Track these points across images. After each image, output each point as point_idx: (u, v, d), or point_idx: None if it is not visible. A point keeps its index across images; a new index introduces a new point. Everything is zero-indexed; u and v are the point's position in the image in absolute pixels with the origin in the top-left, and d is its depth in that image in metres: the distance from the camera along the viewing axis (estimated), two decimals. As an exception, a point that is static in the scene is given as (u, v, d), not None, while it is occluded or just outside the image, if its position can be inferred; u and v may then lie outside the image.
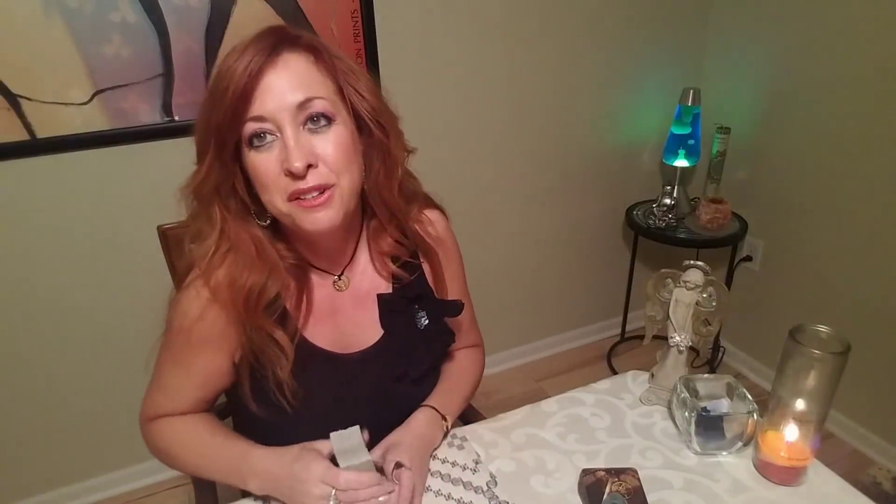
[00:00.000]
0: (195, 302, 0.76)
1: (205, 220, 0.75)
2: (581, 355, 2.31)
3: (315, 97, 0.70)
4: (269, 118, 0.68)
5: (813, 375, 0.75)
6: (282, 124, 0.69)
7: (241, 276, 0.74)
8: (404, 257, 0.86)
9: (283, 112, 0.68)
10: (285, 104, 0.68)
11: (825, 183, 1.76)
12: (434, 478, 0.83)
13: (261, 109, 0.68)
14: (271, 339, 0.77)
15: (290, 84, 0.69)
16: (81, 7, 1.27)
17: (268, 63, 0.68)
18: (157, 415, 0.85)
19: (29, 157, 1.35)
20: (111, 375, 1.62)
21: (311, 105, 0.70)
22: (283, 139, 0.69)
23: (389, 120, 0.78)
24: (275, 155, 0.69)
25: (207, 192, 0.73)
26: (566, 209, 2.08)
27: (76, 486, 1.71)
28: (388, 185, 0.80)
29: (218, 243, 0.75)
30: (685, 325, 0.90)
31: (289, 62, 0.69)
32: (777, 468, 0.80)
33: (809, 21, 1.71)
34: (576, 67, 1.87)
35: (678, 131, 1.94)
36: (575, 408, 0.96)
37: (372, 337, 0.86)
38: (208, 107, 0.69)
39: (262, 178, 0.71)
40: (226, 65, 0.68)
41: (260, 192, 0.72)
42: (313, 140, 0.71)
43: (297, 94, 0.69)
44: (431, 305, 0.90)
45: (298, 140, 0.69)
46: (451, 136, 1.77)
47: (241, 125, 0.69)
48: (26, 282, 1.45)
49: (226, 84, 0.67)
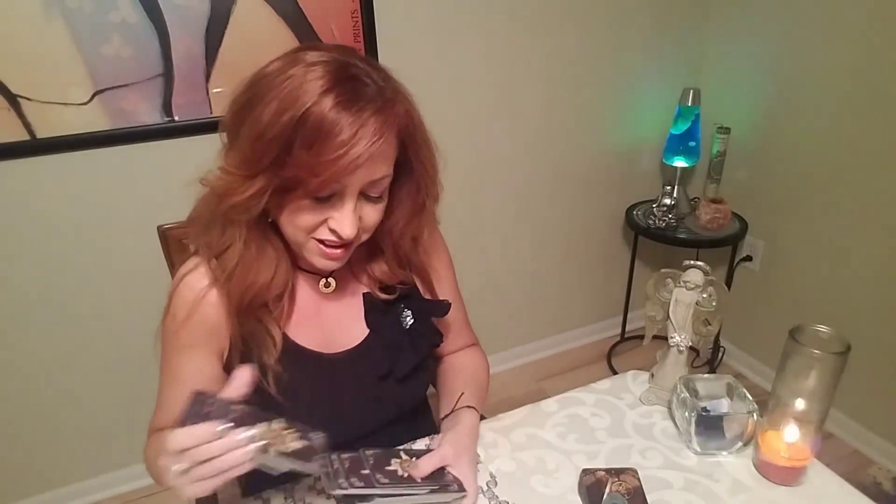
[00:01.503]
0: (196, 286, 0.76)
1: (226, 224, 0.73)
2: (581, 355, 2.31)
3: (387, 176, 0.70)
4: (348, 184, 0.68)
5: (813, 375, 0.75)
6: (349, 192, 0.68)
7: (251, 274, 0.74)
8: (396, 284, 0.86)
9: (360, 183, 0.68)
10: (367, 179, 0.68)
11: (825, 183, 1.76)
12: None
13: (349, 179, 0.67)
14: (263, 327, 0.77)
15: (377, 161, 0.67)
16: (81, 7, 1.27)
17: (382, 139, 0.65)
18: (153, 432, 0.84)
19: (29, 157, 1.35)
20: (111, 375, 1.62)
21: (381, 183, 0.70)
22: (343, 203, 0.69)
23: (436, 191, 0.80)
24: (325, 207, 0.69)
25: (245, 211, 0.69)
26: (566, 209, 2.08)
27: (76, 486, 1.71)
28: (403, 234, 0.82)
29: (241, 254, 0.74)
30: (685, 325, 0.90)
31: (390, 142, 0.68)
32: (777, 468, 0.80)
33: (809, 21, 1.71)
34: (576, 67, 1.87)
35: (678, 131, 1.94)
36: (575, 408, 0.96)
37: (357, 336, 0.86)
38: (285, 133, 0.63)
39: (303, 221, 0.70)
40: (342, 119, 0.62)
41: (286, 224, 0.71)
42: (364, 207, 0.71)
43: (381, 169, 0.69)
44: (417, 305, 0.90)
45: (356, 210, 0.70)
46: (451, 135, 1.77)
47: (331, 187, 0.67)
48: (26, 282, 1.45)
49: (340, 143, 0.62)
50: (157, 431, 0.83)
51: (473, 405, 0.89)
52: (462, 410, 0.87)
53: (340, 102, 0.63)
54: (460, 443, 0.80)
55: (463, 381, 0.94)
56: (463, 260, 1.08)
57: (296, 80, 0.64)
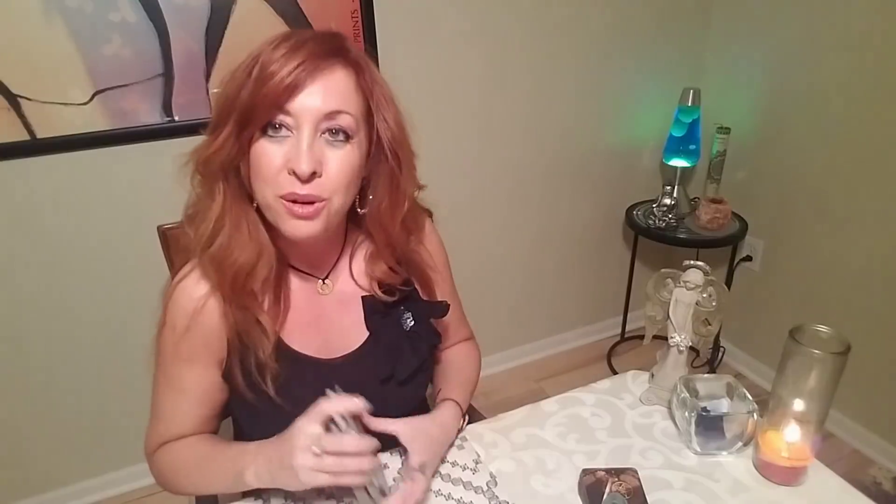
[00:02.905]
0: (194, 295, 0.76)
1: (206, 194, 0.76)
2: (581, 355, 2.31)
3: (344, 111, 0.71)
4: (294, 114, 0.69)
5: (813, 375, 0.75)
6: (302, 125, 0.69)
7: (233, 253, 0.74)
8: (396, 285, 0.86)
9: (309, 114, 0.69)
10: (315, 108, 0.69)
11: (825, 183, 1.76)
12: (434, 478, 0.83)
13: (291, 105, 0.69)
14: (255, 321, 0.77)
15: (327, 92, 0.70)
16: (81, 7, 1.27)
17: (318, 68, 0.69)
18: (158, 444, 0.84)
19: (29, 157, 1.35)
20: (111, 375, 1.62)
21: (338, 118, 0.71)
22: (298, 139, 0.69)
23: (406, 154, 0.79)
24: (283, 150, 0.70)
25: (216, 165, 0.73)
26: (566, 209, 2.08)
27: (76, 486, 1.71)
28: (390, 216, 0.81)
29: (217, 219, 0.74)
30: (685, 325, 0.90)
31: (335, 71, 0.71)
32: (777, 468, 0.80)
33: (809, 21, 1.71)
34: (576, 67, 1.87)
35: (678, 131, 1.94)
36: (575, 408, 0.96)
37: (357, 340, 0.86)
38: (239, 83, 0.70)
39: (263, 167, 0.71)
40: (277, 54, 0.69)
41: (254, 179, 0.73)
42: (326, 150, 0.71)
43: (329, 103, 0.70)
44: (417, 306, 0.89)
45: (312, 145, 0.70)
46: (451, 135, 1.77)
47: (272, 114, 0.69)
48: (25, 282, 1.45)
49: (271, 71, 0.68)
50: (163, 445, 0.83)
51: (454, 398, 0.89)
52: (441, 403, 0.88)
53: (285, 45, 0.70)
54: (421, 426, 0.81)
55: (452, 377, 0.95)
56: (462, 260, 1.09)
57: (256, 48, 0.71)
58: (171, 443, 0.83)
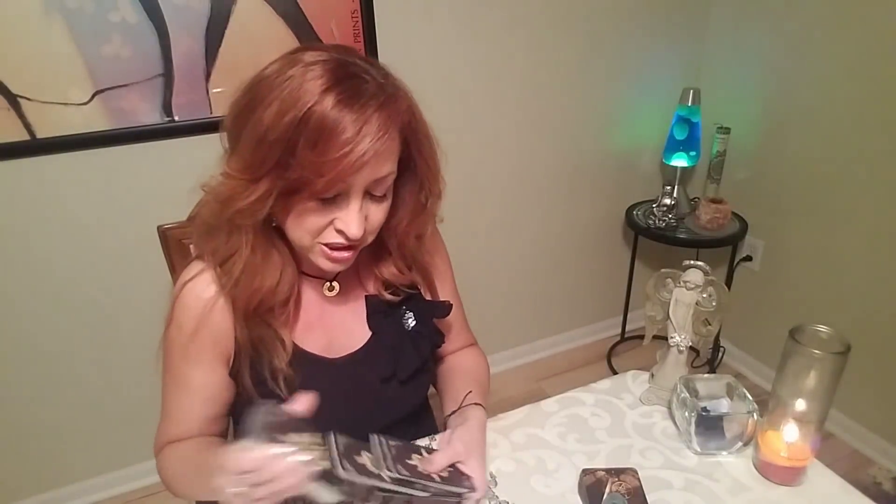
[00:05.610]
0: (203, 295, 0.76)
1: (232, 230, 0.72)
2: (581, 355, 2.31)
3: (391, 173, 0.70)
4: (350, 183, 0.67)
5: (813, 375, 0.75)
6: (354, 191, 0.68)
7: (257, 280, 0.74)
8: (404, 287, 0.86)
9: (364, 181, 0.67)
10: (370, 178, 0.67)
11: (825, 183, 1.76)
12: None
13: (352, 178, 0.66)
14: (272, 331, 0.77)
15: (382, 157, 0.67)
16: (81, 7, 1.27)
17: (383, 144, 0.64)
18: (165, 443, 0.83)
19: (29, 157, 1.35)
20: (111, 375, 1.62)
21: (386, 181, 0.70)
22: (349, 202, 0.68)
23: (437, 189, 0.79)
24: (331, 209, 0.69)
25: (252, 217, 0.69)
26: (566, 209, 2.08)
27: (76, 486, 1.71)
28: (407, 233, 0.82)
29: (247, 263, 0.73)
30: (685, 325, 0.90)
31: (394, 139, 0.67)
32: (777, 468, 0.80)
33: (809, 21, 1.71)
34: (576, 68, 1.87)
35: (678, 131, 1.94)
36: (575, 408, 0.96)
37: (360, 339, 0.86)
38: (286, 136, 0.62)
39: (308, 223, 0.69)
40: (341, 122, 0.62)
41: (293, 226, 0.71)
42: (370, 207, 0.71)
43: (382, 169, 0.68)
44: (419, 306, 0.90)
45: (362, 207, 0.69)
46: (451, 135, 1.76)
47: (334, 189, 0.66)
48: (26, 282, 1.45)
49: (342, 154, 0.62)
50: (169, 444, 0.83)
51: (480, 402, 0.88)
52: (470, 407, 0.87)
53: (342, 100, 0.63)
54: (472, 439, 0.80)
55: (468, 381, 0.94)
56: (463, 260, 1.08)
57: (295, 81, 0.64)
58: (176, 444, 0.83)
